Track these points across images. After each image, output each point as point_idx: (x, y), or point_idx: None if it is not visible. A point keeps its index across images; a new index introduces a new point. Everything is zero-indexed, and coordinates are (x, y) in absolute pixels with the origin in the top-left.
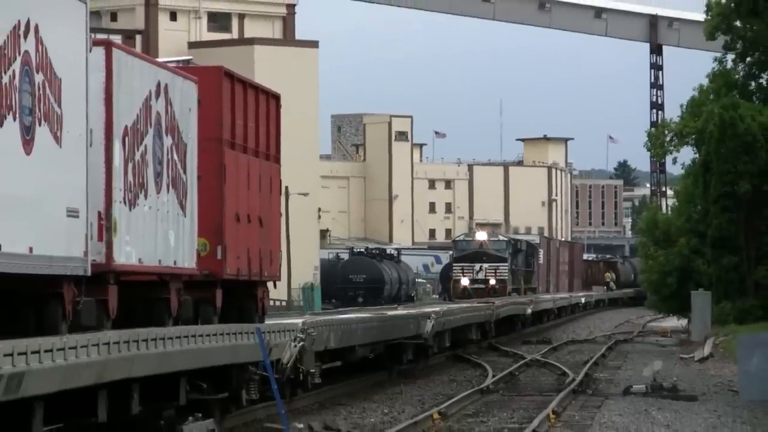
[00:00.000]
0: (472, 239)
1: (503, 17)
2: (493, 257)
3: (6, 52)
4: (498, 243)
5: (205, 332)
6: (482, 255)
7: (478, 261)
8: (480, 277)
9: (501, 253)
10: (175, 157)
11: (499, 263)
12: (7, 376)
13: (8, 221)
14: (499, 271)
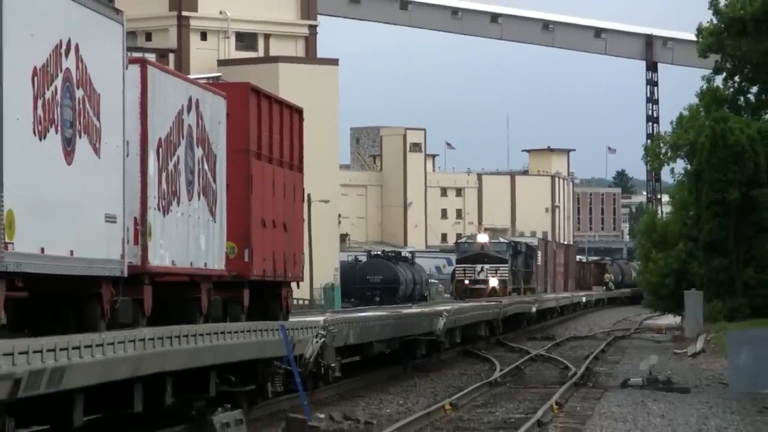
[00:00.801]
0: (473, 241)
1: (510, 37)
2: (493, 259)
3: (49, 69)
4: (498, 245)
5: (234, 329)
6: (483, 256)
7: (480, 262)
8: (481, 278)
9: (501, 254)
10: (205, 167)
11: (499, 264)
12: (50, 369)
13: (51, 226)
14: (499, 271)
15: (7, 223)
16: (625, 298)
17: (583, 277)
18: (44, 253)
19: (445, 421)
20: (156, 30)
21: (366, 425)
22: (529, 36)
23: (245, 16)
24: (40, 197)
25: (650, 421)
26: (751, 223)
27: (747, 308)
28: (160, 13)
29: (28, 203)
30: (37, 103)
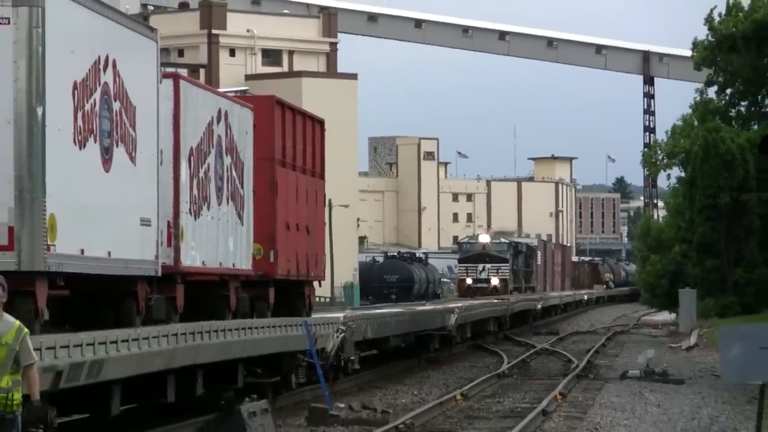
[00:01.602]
0: (475, 242)
1: (516, 53)
2: (495, 258)
3: (88, 83)
4: (500, 245)
5: (260, 325)
6: (485, 256)
7: (482, 262)
8: (483, 277)
9: (503, 254)
10: (233, 173)
11: (500, 264)
12: (89, 362)
13: (90, 229)
14: (500, 271)
15: (49, 226)
16: (623, 296)
17: (578, 277)
18: (84, 254)
19: (456, 410)
20: (188, 47)
21: (383, 414)
22: (535, 52)
23: (271, 34)
24: (79, 202)
25: (647, 411)
26: (741, 226)
27: (737, 305)
28: (191, 31)
29: (68, 208)
30: (78, 114)
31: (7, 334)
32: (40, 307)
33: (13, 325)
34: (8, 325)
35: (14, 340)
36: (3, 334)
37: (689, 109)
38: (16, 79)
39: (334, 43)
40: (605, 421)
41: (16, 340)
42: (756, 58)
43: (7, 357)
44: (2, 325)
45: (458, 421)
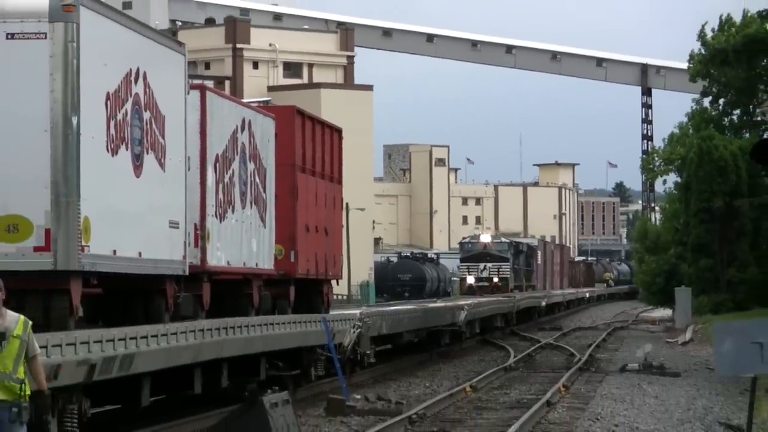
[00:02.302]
0: (477, 241)
1: (522, 66)
2: (496, 257)
3: (120, 94)
4: (500, 244)
5: (281, 321)
6: (486, 255)
7: (483, 261)
8: (484, 276)
9: (503, 253)
10: (256, 179)
11: (501, 263)
12: (120, 356)
13: (122, 231)
14: (501, 269)
15: (83, 228)
16: (622, 294)
17: (574, 275)
18: (116, 254)
19: (466, 401)
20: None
21: (397, 405)
22: (540, 65)
23: (291, 48)
24: (112, 206)
25: (645, 402)
26: (734, 229)
27: (730, 302)
28: (217, 45)
29: (102, 211)
30: (110, 123)
31: (16, 327)
32: (74, 304)
33: (18, 318)
34: (14, 319)
35: (23, 332)
36: (12, 328)
37: (685, 118)
38: (52, 90)
39: (351, 57)
40: (606, 412)
41: (24, 332)
42: (747, 70)
43: (20, 348)
44: (9, 320)
45: (467, 412)
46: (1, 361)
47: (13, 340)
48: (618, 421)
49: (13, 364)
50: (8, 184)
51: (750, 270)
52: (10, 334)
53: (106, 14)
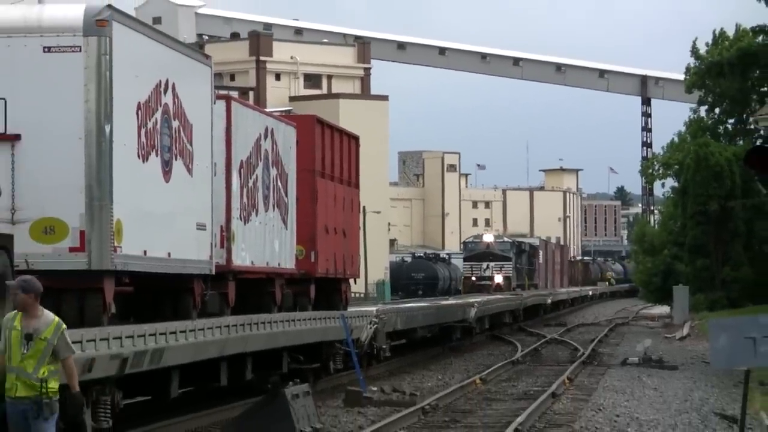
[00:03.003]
0: (480, 241)
1: (529, 77)
2: (498, 257)
3: (150, 104)
4: (503, 244)
5: (302, 317)
6: (489, 255)
7: (485, 260)
8: (487, 275)
9: (506, 253)
10: (279, 184)
11: (504, 262)
12: (151, 350)
13: (152, 233)
14: (504, 269)
15: (116, 230)
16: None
17: (573, 274)
18: (146, 255)
19: (476, 393)
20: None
21: (411, 396)
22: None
23: (311, 61)
24: (143, 209)
25: (645, 393)
26: (728, 230)
27: (724, 300)
28: (242, 58)
29: (133, 214)
30: (141, 132)
31: (46, 330)
32: (107, 301)
33: (51, 321)
34: (47, 322)
35: (53, 335)
36: (42, 330)
37: (683, 126)
38: (86, 100)
39: (367, 69)
40: (608, 403)
41: (54, 336)
42: (741, 81)
43: (45, 350)
44: (42, 321)
45: (477, 403)
46: (25, 360)
47: (39, 342)
48: (619, 412)
49: (35, 365)
50: (45, 189)
51: (743, 269)
52: (37, 336)
53: (137, 29)
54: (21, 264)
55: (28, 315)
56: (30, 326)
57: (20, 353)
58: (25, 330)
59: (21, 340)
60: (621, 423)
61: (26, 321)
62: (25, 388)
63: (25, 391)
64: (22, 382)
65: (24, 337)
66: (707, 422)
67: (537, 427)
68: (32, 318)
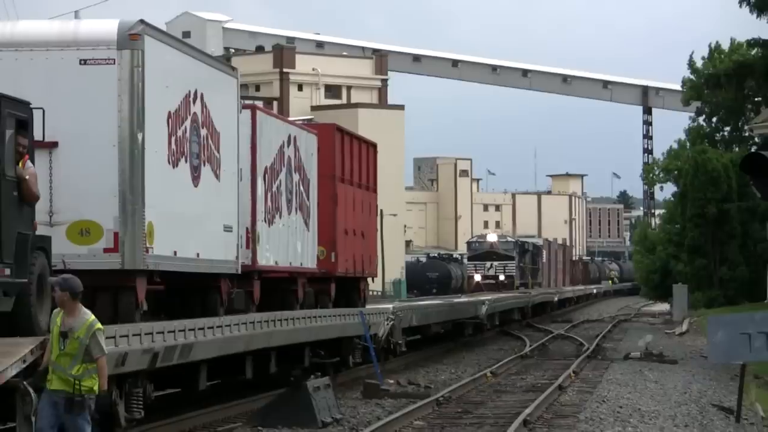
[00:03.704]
0: (484, 240)
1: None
2: (502, 256)
3: (180, 113)
4: (506, 244)
5: (323, 314)
6: (492, 254)
7: (489, 259)
8: (491, 274)
9: (509, 252)
10: (301, 188)
11: (507, 261)
12: (180, 345)
13: (181, 234)
14: (507, 268)
15: (148, 232)
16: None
17: (574, 274)
18: (176, 255)
19: (487, 386)
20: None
21: (426, 388)
22: (552, 87)
23: (332, 72)
24: (173, 212)
25: (646, 386)
26: (725, 232)
27: (721, 298)
28: (266, 70)
29: (164, 217)
30: (171, 139)
31: (80, 329)
32: (140, 299)
33: (86, 321)
34: (82, 321)
35: (85, 335)
36: (75, 330)
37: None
38: (119, 110)
39: (384, 80)
40: (611, 395)
41: (86, 335)
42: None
43: (79, 349)
44: (78, 321)
45: (488, 395)
46: (62, 357)
47: (73, 341)
48: (622, 403)
49: (71, 362)
50: (81, 193)
51: (739, 269)
52: (71, 335)
53: (168, 42)
54: (58, 264)
55: (67, 313)
56: (67, 324)
57: (58, 349)
58: (62, 328)
59: (59, 337)
60: (624, 414)
61: (65, 319)
62: (59, 382)
63: (60, 385)
64: (58, 376)
65: (60, 335)
66: (705, 413)
67: (544, 418)
68: (70, 316)
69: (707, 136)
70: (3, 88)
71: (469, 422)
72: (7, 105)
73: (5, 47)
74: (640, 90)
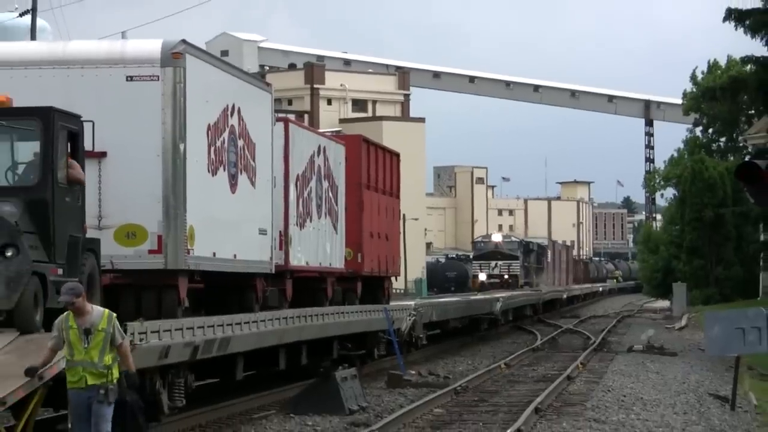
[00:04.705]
0: (488, 240)
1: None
2: (506, 256)
3: (219, 125)
4: (511, 243)
5: (350, 310)
6: (497, 254)
7: (494, 259)
8: (495, 273)
9: (513, 252)
10: (330, 194)
11: (511, 260)
12: (219, 339)
13: (220, 237)
14: (511, 267)
15: (189, 235)
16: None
17: (576, 273)
18: (215, 256)
19: (501, 376)
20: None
21: (445, 379)
22: (561, 101)
23: (358, 88)
24: (212, 216)
25: (648, 376)
26: (721, 235)
27: (718, 295)
28: (298, 85)
29: (204, 221)
30: (211, 149)
31: (101, 322)
32: (182, 297)
33: (103, 313)
34: (99, 315)
35: (108, 325)
36: (97, 323)
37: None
38: (163, 122)
39: (407, 95)
40: (616, 384)
41: (109, 325)
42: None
43: (104, 340)
44: (95, 316)
45: (502, 384)
46: (89, 353)
47: (98, 333)
48: (626, 392)
49: (99, 355)
50: (128, 199)
51: (734, 269)
52: (95, 329)
53: (207, 60)
54: (107, 264)
55: (80, 313)
56: (85, 322)
57: (82, 347)
58: (82, 326)
59: (80, 336)
60: (627, 402)
61: (80, 319)
62: (93, 377)
63: (94, 380)
64: (90, 372)
65: (83, 333)
66: (702, 401)
67: (554, 406)
68: (84, 315)
69: (704, 146)
70: (56, 103)
71: (484, 410)
72: (60, 118)
73: (58, 65)
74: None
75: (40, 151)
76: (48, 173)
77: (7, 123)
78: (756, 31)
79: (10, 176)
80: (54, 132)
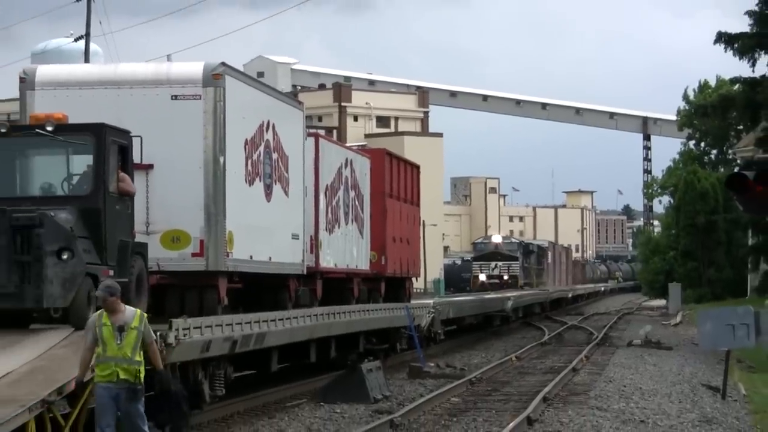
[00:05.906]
0: (489, 241)
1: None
2: (506, 256)
3: (255, 140)
4: (511, 244)
5: (375, 308)
6: (497, 255)
7: (494, 260)
8: (495, 273)
9: (513, 253)
10: (356, 203)
11: (511, 261)
12: (255, 334)
13: (256, 242)
14: (511, 268)
15: (228, 240)
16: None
17: (575, 274)
18: (252, 259)
19: (512, 368)
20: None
21: (461, 370)
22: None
23: (382, 106)
24: (249, 223)
25: (646, 369)
26: (713, 239)
27: (709, 295)
28: (327, 104)
29: (242, 227)
30: (248, 162)
31: (134, 320)
32: (221, 296)
33: (135, 312)
34: (132, 314)
35: (140, 324)
36: (130, 321)
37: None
38: (204, 137)
39: (426, 112)
40: (617, 376)
41: (141, 324)
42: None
43: (137, 338)
44: (128, 314)
45: (513, 376)
46: (122, 349)
47: (131, 331)
48: (626, 383)
49: (132, 351)
50: (172, 207)
51: (725, 271)
52: (128, 327)
53: (245, 81)
54: (154, 266)
55: (113, 312)
56: (119, 320)
57: (115, 344)
58: (115, 324)
59: (114, 333)
60: (627, 392)
61: (113, 317)
62: (125, 373)
63: (125, 375)
64: (122, 368)
65: (117, 330)
66: (696, 391)
67: (561, 395)
68: (118, 313)
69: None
70: (107, 120)
71: (497, 399)
72: (111, 134)
73: (110, 85)
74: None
75: (93, 163)
76: (100, 184)
77: (63, 138)
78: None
79: (66, 186)
80: (106, 146)
